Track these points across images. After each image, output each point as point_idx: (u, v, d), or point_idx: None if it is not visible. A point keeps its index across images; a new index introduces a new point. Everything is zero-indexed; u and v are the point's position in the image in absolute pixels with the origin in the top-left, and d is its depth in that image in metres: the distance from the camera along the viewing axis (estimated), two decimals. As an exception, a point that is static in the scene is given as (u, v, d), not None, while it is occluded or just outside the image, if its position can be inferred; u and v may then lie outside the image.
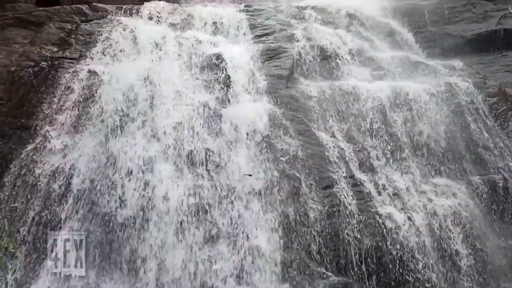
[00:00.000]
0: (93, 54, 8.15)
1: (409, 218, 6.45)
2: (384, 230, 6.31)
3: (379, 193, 6.72)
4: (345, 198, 6.54)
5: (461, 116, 7.78)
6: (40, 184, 6.43)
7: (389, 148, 7.31)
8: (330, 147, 7.11)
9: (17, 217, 6.18)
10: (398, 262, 6.11)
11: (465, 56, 9.34)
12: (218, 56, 8.12)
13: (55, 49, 8.20)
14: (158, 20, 9.24)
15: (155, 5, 9.64)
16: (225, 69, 7.89)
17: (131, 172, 6.48)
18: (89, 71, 7.70)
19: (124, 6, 9.53)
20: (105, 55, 8.14)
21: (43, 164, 6.61)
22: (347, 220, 6.35)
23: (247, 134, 7.01)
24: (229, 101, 7.49)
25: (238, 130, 7.03)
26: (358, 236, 6.24)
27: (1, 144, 6.88)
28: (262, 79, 7.86)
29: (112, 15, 9.12)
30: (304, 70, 8.38)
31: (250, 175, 6.58)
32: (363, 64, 8.69)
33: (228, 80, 7.71)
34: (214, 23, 9.22)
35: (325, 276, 6.00)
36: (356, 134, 7.43)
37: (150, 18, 9.25)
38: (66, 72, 7.74)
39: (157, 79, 7.61)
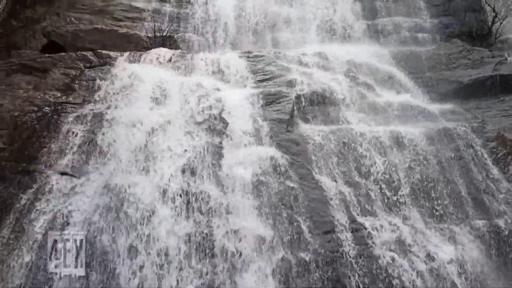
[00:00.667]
0: (96, 99, 8.27)
1: (411, 263, 6.38)
2: (387, 275, 6.22)
3: (381, 238, 6.66)
4: (346, 243, 6.47)
5: (461, 161, 7.82)
6: (39, 228, 6.38)
7: (390, 192, 7.30)
8: (330, 191, 7.10)
9: (14, 263, 6.11)
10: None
11: (463, 101, 9.48)
12: (219, 101, 8.23)
13: (59, 94, 8.32)
14: (161, 65, 9.43)
15: (158, 52, 9.86)
16: (226, 113, 7.98)
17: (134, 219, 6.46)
18: (92, 116, 7.80)
19: (127, 53, 9.76)
20: (108, 100, 8.26)
21: (43, 209, 6.59)
22: (349, 265, 6.26)
23: (247, 178, 7.01)
24: (229, 145, 7.54)
25: (237, 174, 7.04)
26: (360, 282, 6.14)
27: (1, 188, 6.87)
28: (263, 123, 7.94)
29: (116, 61, 9.31)
30: (304, 114, 8.47)
31: None
32: (362, 109, 8.80)
33: (228, 124, 7.78)
34: (216, 68, 9.39)
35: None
36: (356, 178, 7.43)
37: (153, 64, 9.44)
38: (68, 116, 7.83)
39: (160, 122, 7.71)
